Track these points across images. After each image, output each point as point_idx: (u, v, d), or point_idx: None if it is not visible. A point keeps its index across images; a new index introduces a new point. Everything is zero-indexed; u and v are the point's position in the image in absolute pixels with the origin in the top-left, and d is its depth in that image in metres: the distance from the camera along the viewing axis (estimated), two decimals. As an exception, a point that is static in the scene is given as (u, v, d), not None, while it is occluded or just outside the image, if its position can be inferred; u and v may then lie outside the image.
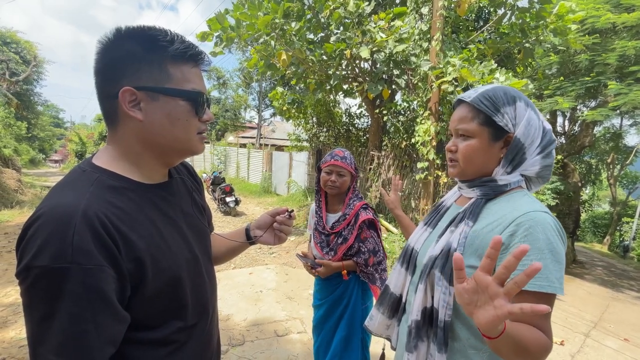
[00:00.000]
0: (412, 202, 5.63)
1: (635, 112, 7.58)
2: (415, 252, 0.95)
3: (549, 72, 7.78)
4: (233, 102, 24.34)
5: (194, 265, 0.75)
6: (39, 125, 26.94)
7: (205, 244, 0.84)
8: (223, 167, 15.15)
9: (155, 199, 0.70)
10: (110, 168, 0.66)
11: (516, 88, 0.93)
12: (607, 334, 3.69)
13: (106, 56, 0.64)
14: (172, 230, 0.71)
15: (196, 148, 0.73)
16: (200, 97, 0.69)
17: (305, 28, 4.95)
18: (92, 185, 0.61)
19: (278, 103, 7.15)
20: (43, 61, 21.21)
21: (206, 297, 0.79)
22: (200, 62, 0.70)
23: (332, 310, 1.66)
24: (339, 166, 1.61)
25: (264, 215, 1.00)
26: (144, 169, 0.70)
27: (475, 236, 0.79)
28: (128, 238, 0.60)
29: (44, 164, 33.43)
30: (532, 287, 0.70)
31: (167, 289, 0.66)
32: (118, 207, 0.61)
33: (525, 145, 0.82)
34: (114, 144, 0.69)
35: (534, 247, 0.72)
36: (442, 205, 1.00)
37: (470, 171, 0.87)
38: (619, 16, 5.68)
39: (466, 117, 0.85)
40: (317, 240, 1.71)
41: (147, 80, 0.64)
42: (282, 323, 3.04)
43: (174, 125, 0.67)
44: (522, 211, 0.75)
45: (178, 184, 0.81)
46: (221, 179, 9.05)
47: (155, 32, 0.65)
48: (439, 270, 0.81)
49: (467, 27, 5.35)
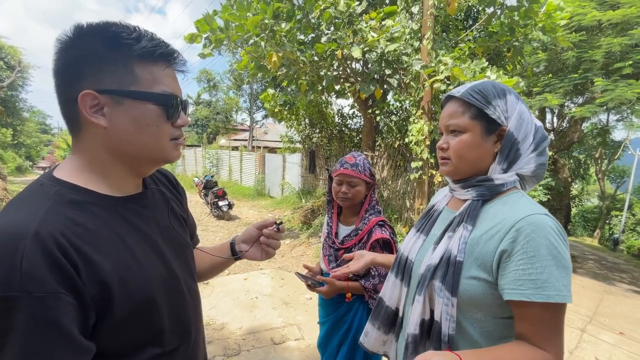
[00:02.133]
0: (407, 201, 5.63)
1: (621, 107, 7.72)
2: (410, 261, 0.90)
3: (537, 69, 7.89)
4: (224, 105, 24.15)
5: (171, 284, 0.69)
6: (25, 131, 26.38)
7: (186, 259, 0.78)
8: (215, 171, 14.99)
9: (125, 213, 0.64)
10: (72, 180, 0.60)
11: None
12: (603, 328, 3.72)
13: (65, 56, 0.58)
14: (146, 246, 0.65)
15: (169, 156, 0.67)
16: (173, 100, 0.63)
17: (295, 29, 4.91)
18: (50, 200, 0.55)
19: (270, 105, 7.09)
20: (28, 66, 20.75)
21: (187, 318, 0.73)
22: (172, 62, 0.65)
23: (335, 330, 1.54)
24: (350, 175, 1.45)
25: (250, 228, 0.94)
26: (113, 180, 0.64)
27: (475, 243, 0.76)
28: (90, 259, 0.54)
29: (31, 172, 32.70)
30: (539, 298, 0.66)
31: (139, 312, 0.60)
32: (79, 224, 0.55)
33: (519, 139, 0.79)
34: (78, 153, 0.63)
35: (537, 254, 0.68)
36: (433, 209, 0.96)
37: (463, 168, 0.83)
38: (604, 13, 5.77)
39: (456, 112, 0.82)
40: (325, 253, 1.59)
41: (110, 83, 0.58)
42: (278, 330, 2.98)
43: (142, 131, 0.61)
44: (521, 214, 0.72)
45: (154, 194, 0.75)
46: (213, 183, 8.94)
47: (120, 28, 0.59)
48: (440, 280, 0.77)
49: (457, 26, 5.37)
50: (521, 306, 0.69)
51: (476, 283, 0.74)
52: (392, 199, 6.07)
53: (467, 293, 0.74)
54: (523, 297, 0.68)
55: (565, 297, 0.67)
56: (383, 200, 6.10)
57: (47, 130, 46.38)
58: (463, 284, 0.75)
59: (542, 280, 0.67)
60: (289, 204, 9.14)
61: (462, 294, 0.75)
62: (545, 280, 0.66)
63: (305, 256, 5.38)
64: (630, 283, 6.08)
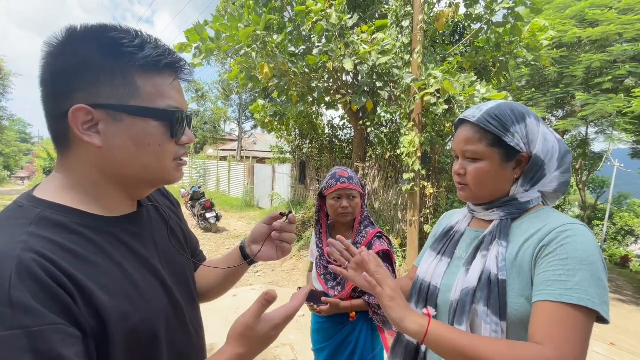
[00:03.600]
0: (399, 213, 5.61)
1: (601, 120, 8.03)
2: (434, 287, 0.83)
3: (520, 84, 8.16)
4: (212, 115, 23.97)
5: (174, 315, 0.61)
6: (3, 140, 25.48)
7: (188, 285, 0.70)
8: (202, 182, 14.73)
9: (121, 235, 0.56)
10: (57, 200, 0.52)
11: (498, 100, 0.88)
12: (594, 339, 3.73)
13: (54, 63, 0.50)
14: (147, 273, 0.58)
15: (171, 177, 0.60)
16: (178, 115, 0.56)
17: (287, 40, 4.92)
18: (32, 224, 0.47)
19: (260, 116, 7.04)
20: (9, 74, 20.19)
21: (190, 350, 0.65)
22: (179, 72, 0.57)
23: (338, 353, 1.43)
24: (349, 189, 1.42)
25: (259, 225, 0.83)
26: (105, 200, 0.56)
27: (514, 258, 0.71)
28: (84, 287, 0.46)
29: (9, 182, 31.47)
30: (569, 299, 0.60)
31: (139, 352, 0.53)
32: (68, 249, 0.47)
33: (545, 161, 0.77)
34: (63, 172, 0.54)
35: (570, 257, 0.63)
36: (453, 230, 0.90)
37: (483, 195, 0.81)
38: (584, 31, 6.04)
39: (473, 138, 0.78)
40: (321, 272, 1.51)
41: (107, 97, 0.51)
42: (270, 351, 2.85)
43: (142, 151, 0.54)
44: (560, 223, 0.68)
45: (149, 212, 0.67)
46: (201, 194, 8.75)
47: (120, 34, 0.51)
48: (484, 304, 0.70)
49: (444, 40, 5.51)
50: (545, 309, 0.62)
51: (525, 302, 0.68)
52: (383, 210, 6.05)
53: (517, 314, 0.68)
54: (550, 297, 0.62)
55: (596, 304, 0.60)
56: (374, 211, 6.07)
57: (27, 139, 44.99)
58: (511, 305, 0.69)
59: (573, 282, 0.62)
60: (278, 215, 9.00)
61: (511, 316, 0.68)
62: (578, 283, 0.62)
63: (296, 270, 5.26)
64: (615, 292, 6.19)
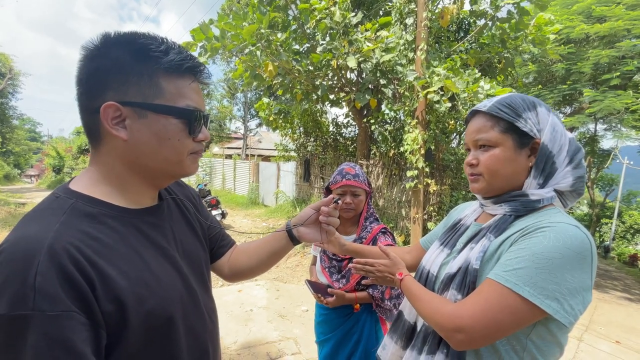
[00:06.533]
0: (403, 210, 5.62)
1: (609, 117, 7.91)
2: (431, 275, 0.87)
3: (527, 80, 8.06)
4: (218, 113, 24.11)
5: (190, 302, 0.66)
6: (14, 139, 25.88)
7: (203, 275, 0.75)
8: (208, 179, 14.85)
9: (142, 227, 0.62)
10: (88, 193, 0.59)
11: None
12: (599, 337, 3.71)
13: (90, 65, 0.57)
14: (164, 261, 0.63)
15: (188, 170, 0.66)
16: (196, 114, 0.62)
17: (291, 38, 4.95)
18: (65, 214, 0.53)
19: (265, 114, 7.09)
20: (19, 74, 20.49)
21: (205, 337, 0.70)
22: (198, 76, 0.64)
23: (343, 344, 1.46)
24: (353, 186, 1.45)
25: (306, 209, 0.89)
26: (130, 193, 0.63)
27: (495, 249, 0.73)
28: (106, 275, 0.52)
29: (19, 180, 32.04)
30: (498, 279, 0.66)
31: (156, 333, 0.58)
32: (95, 237, 0.54)
33: (554, 152, 0.74)
34: (96, 165, 0.62)
35: (529, 248, 0.65)
36: (459, 223, 0.92)
37: (497, 184, 0.77)
38: (592, 27, 5.95)
39: (485, 127, 0.77)
40: (325, 265, 1.55)
41: (134, 95, 0.57)
42: (275, 344, 2.90)
43: (163, 145, 0.60)
44: (551, 221, 0.68)
45: (170, 205, 0.73)
46: (206, 192, 8.83)
47: (148, 40, 0.58)
48: (456, 289, 0.74)
49: (449, 37, 5.48)
50: (484, 284, 0.69)
51: None
52: (387, 207, 6.06)
53: None
54: (491, 275, 0.68)
55: (527, 292, 0.61)
56: (379, 209, 6.08)
57: (36, 138, 45.71)
58: None
59: (512, 267, 0.65)
60: (283, 212, 9.06)
61: None
62: (517, 269, 0.64)
63: (300, 266, 5.31)
64: (623, 290, 6.12)
